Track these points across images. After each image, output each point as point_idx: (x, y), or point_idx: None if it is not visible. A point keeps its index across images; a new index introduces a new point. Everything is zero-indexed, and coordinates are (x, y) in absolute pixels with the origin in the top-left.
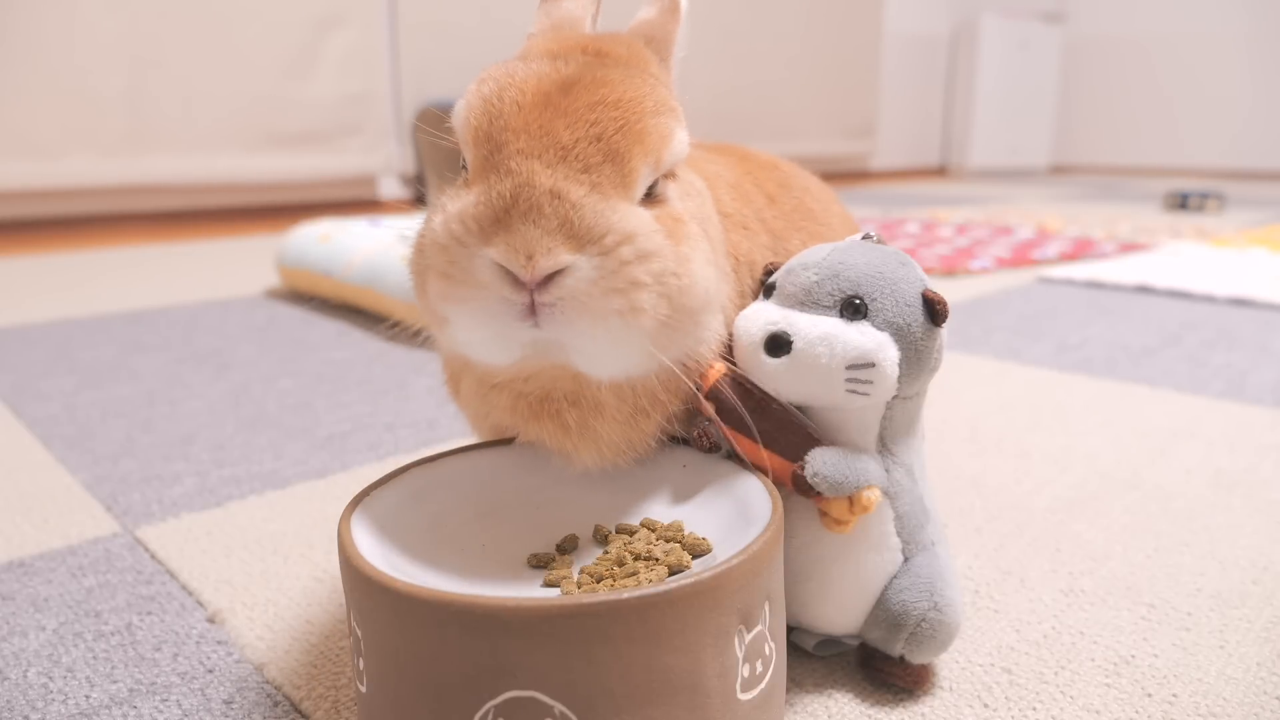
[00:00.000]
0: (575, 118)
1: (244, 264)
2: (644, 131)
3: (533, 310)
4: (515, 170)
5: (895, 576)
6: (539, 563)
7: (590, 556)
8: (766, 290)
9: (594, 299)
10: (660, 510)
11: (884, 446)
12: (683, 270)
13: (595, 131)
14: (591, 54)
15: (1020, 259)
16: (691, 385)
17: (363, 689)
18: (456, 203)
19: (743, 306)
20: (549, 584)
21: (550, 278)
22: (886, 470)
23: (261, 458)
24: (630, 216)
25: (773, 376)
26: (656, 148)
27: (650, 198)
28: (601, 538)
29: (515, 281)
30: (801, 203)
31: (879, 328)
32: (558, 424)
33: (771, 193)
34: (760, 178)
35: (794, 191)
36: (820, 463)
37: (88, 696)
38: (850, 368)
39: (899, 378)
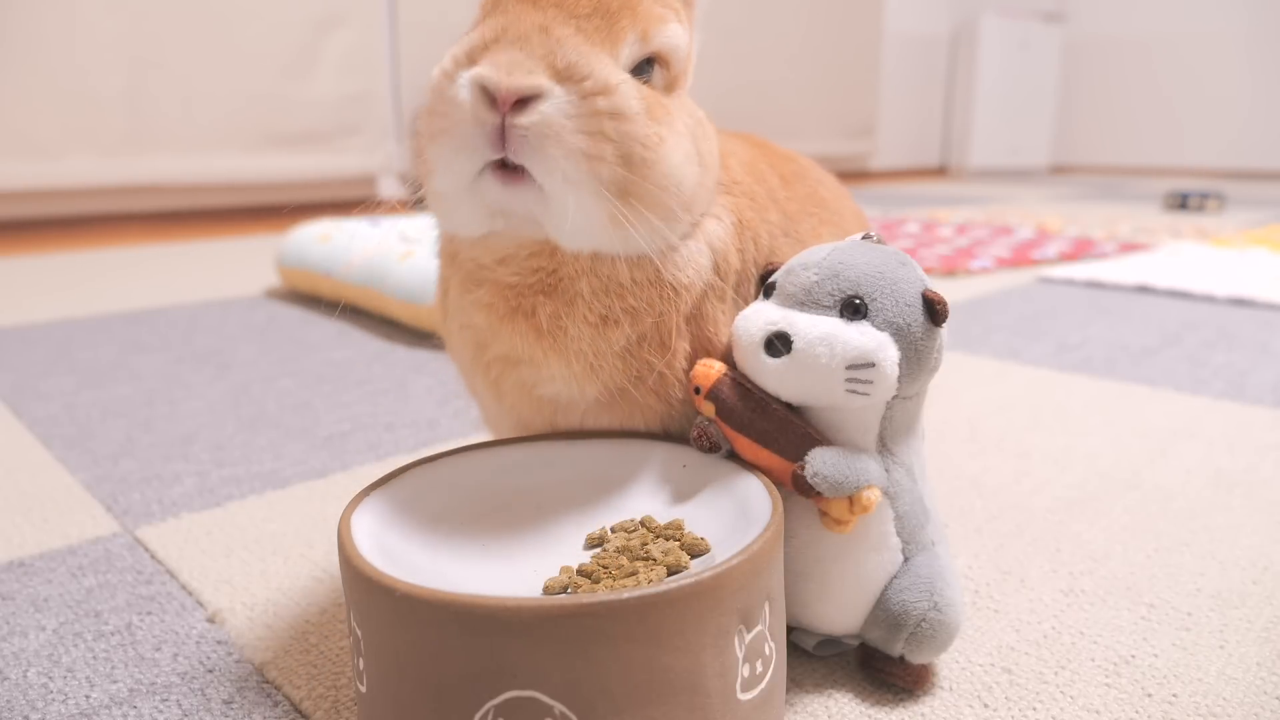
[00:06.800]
0: None
1: (244, 264)
2: (636, 2)
3: (503, 134)
4: (509, 10)
5: (895, 576)
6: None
7: (588, 556)
8: (766, 290)
9: (563, 131)
10: (660, 510)
11: (884, 446)
12: (650, 145)
13: None
14: None
15: (1020, 259)
16: (666, 289)
17: (363, 689)
18: (454, 48)
19: (742, 269)
20: (549, 584)
21: (525, 103)
22: (886, 470)
23: (261, 458)
24: (613, 72)
25: (773, 376)
26: (645, 20)
27: (639, 76)
28: (600, 537)
29: (492, 103)
30: (815, 191)
31: (879, 328)
32: (530, 324)
33: (786, 177)
34: (775, 162)
35: (808, 181)
36: (820, 463)
37: (88, 696)
38: (850, 368)
39: (899, 378)
